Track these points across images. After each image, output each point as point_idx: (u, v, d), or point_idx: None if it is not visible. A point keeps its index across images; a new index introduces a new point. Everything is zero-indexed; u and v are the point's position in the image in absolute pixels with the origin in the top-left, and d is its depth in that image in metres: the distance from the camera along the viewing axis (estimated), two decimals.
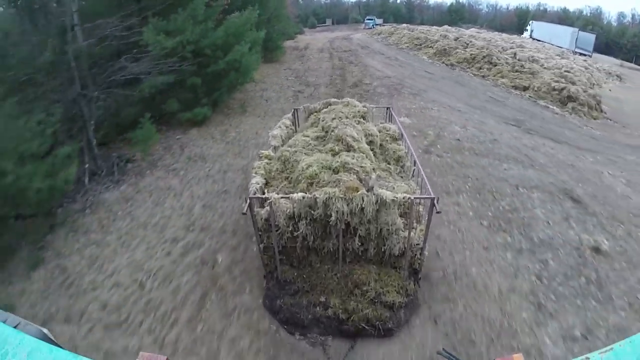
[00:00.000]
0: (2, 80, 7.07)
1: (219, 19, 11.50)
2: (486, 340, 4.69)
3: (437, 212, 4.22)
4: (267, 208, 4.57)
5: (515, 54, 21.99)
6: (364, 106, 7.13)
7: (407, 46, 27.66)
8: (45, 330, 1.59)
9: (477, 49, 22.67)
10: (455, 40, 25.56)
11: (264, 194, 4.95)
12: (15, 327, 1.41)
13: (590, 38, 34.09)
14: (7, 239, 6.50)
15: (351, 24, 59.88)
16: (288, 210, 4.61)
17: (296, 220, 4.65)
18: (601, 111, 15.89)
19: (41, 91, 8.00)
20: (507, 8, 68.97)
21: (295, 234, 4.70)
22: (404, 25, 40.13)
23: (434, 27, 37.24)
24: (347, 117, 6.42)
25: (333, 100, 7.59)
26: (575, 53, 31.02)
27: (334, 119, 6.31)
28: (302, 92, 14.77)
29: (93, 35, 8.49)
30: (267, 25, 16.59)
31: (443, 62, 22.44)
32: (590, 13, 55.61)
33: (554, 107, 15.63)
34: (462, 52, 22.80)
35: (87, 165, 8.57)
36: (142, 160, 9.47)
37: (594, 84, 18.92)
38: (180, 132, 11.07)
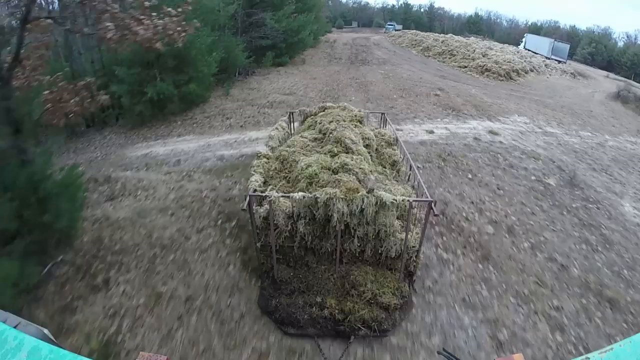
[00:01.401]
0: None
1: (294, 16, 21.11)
2: None
3: (435, 215, 4.30)
4: (267, 206, 4.57)
5: (474, 50, 29.89)
6: (359, 111, 7.23)
7: (406, 45, 37.51)
8: (45, 330, 1.59)
9: (448, 47, 31.96)
10: (441, 42, 34.58)
11: (262, 192, 4.97)
12: (15, 327, 1.41)
13: (565, 47, 39.39)
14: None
15: (375, 28, 65.41)
16: (287, 210, 4.63)
17: (295, 219, 4.67)
18: (510, 79, 24.38)
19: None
20: (526, 23, 72.09)
21: (294, 233, 4.72)
22: (413, 31, 49.51)
23: (442, 35, 43.17)
24: (344, 121, 6.50)
25: (329, 104, 7.68)
26: (551, 59, 36.11)
27: (331, 121, 6.38)
28: (331, 62, 25.27)
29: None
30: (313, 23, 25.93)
31: (423, 54, 32.39)
32: (599, 32, 58.07)
33: (472, 74, 24.75)
34: (439, 49, 32.37)
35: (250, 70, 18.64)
36: (261, 72, 19.36)
37: (525, 70, 26.89)
38: (274, 69, 20.52)
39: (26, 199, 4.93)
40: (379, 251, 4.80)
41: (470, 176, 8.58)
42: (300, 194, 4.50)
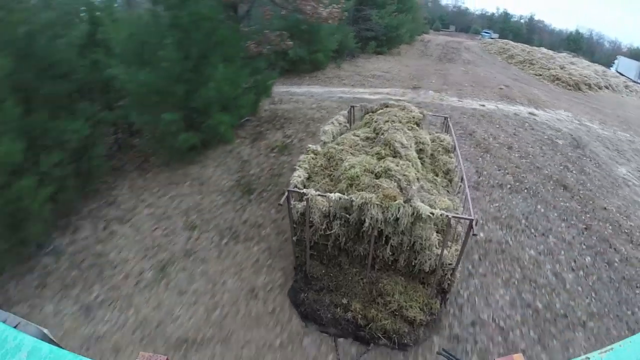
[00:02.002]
0: None
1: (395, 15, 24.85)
2: None
3: (474, 235, 3.99)
4: (304, 203, 4.63)
5: (554, 62, 30.19)
6: (420, 112, 6.88)
7: (494, 52, 38.17)
8: (45, 330, 1.60)
9: (530, 57, 32.16)
10: (527, 52, 34.98)
11: (304, 187, 5.02)
12: (15, 327, 1.43)
13: None
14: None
15: (471, 34, 63.46)
16: (324, 208, 4.63)
17: (330, 219, 4.66)
18: (579, 89, 24.04)
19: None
20: (629, 47, 65.16)
21: (328, 232, 4.72)
22: (505, 40, 47.99)
23: (536, 47, 42.00)
24: (400, 122, 6.25)
25: (391, 102, 7.41)
26: (637, 83, 34.18)
27: (386, 121, 6.18)
28: (422, 57, 27.60)
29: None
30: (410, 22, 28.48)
31: (507, 61, 32.56)
32: None
33: (544, 81, 24.64)
34: (521, 58, 32.51)
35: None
36: (364, 56, 23.26)
37: (599, 86, 26.06)
38: (374, 56, 24.11)
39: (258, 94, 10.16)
40: (413, 263, 4.61)
41: (497, 126, 11.80)
42: (337, 194, 4.47)
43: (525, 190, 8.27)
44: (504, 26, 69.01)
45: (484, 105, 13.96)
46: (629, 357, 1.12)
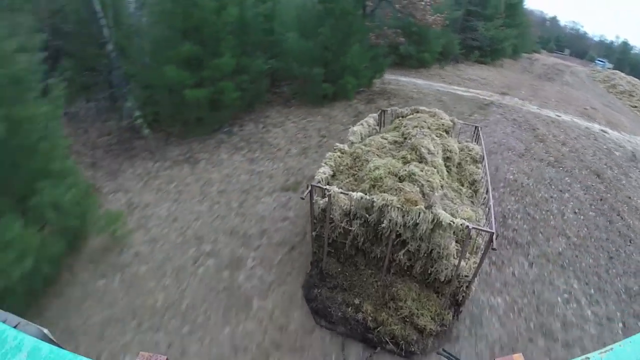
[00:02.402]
0: None
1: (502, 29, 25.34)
2: None
3: (493, 249, 3.89)
4: (326, 199, 4.65)
5: None
6: (451, 120, 6.78)
7: (599, 80, 36.05)
8: (45, 330, 1.57)
9: (633, 89, 31.66)
10: (632, 85, 33.92)
11: (328, 184, 5.05)
12: (15, 326, 1.41)
13: None
14: None
15: (586, 60, 58.64)
16: (345, 207, 4.65)
17: (351, 218, 4.67)
18: None
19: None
20: None
21: (348, 230, 4.73)
22: (613, 70, 44.08)
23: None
24: (429, 128, 6.18)
25: (422, 108, 7.33)
26: None
27: (415, 127, 6.12)
28: (522, 72, 27.23)
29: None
30: (521, 39, 29.91)
31: (607, 90, 31.25)
32: None
33: (638, 112, 23.77)
34: (622, 89, 31.73)
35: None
36: (466, 63, 24.27)
37: None
38: (477, 64, 24.93)
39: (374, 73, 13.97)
40: (429, 271, 4.56)
41: (562, 130, 12.93)
42: (359, 194, 4.48)
43: (561, 168, 9.99)
44: (622, 57, 61.79)
45: (559, 116, 14.83)
46: (628, 357, 1.11)
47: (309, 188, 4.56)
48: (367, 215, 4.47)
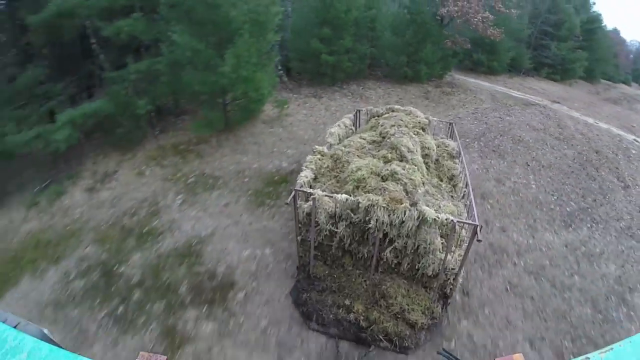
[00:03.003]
0: None
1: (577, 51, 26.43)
2: None
3: (478, 241, 4.02)
4: (310, 203, 4.66)
5: None
6: (426, 117, 6.92)
7: None
8: (45, 330, 1.61)
9: None
10: None
11: (310, 188, 5.05)
12: (15, 326, 1.43)
13: None
14: None
15: None
16: (330, 209, 4.66)
17: (336, 220, 4.68)
18: None
19: None
20: None
21: (334, 232, 4.75)
22: None
23: None
24: (406, 126, 6.28)
25: (396, 106, 7.45)
26: None
27: (392, 125, 6.20)
28: (590, 93, 26.14)
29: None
30: (596, 63, 29.34)
31: None
32: None
33: None
34: None
35: None
36: (536, 77, 24.84)
37: None
38: (547, 79, 25.29)
39: (444, 69, 18.48)
40: (416, 267, 4.64)
41: (589, 129, 14.12)
42: (344, 195, 4.51)
43: (565, 141, 12.15)
44: None
45: (597, 123, 15.50)
46: (628, 357, 1.15)
47: (293, 193, 4.54)
48: (353, 216, 4.50)
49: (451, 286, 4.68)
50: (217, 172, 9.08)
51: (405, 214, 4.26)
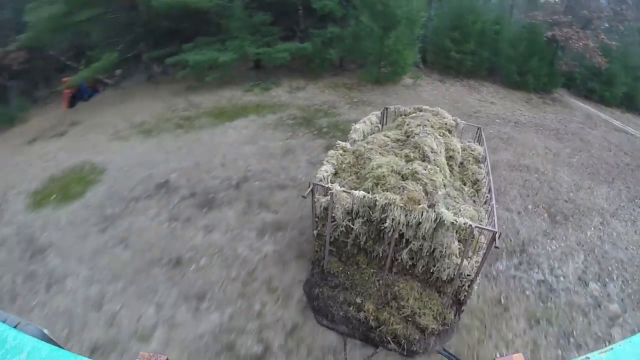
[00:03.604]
0: None
1: None
2: None
3: (496, 248, 3.87)
4: (328, 197, 4.63)
5: None
6: (453, 119, 6.74)
7: None
8: (45, 330, 1.61)
9: None
10: None
11: (330, 183, 5.04)
12: (15, 327, 1.43)
13: None
14: None
15: None
16: (347, 205, 4.61)
17: (353, 216, 4.63)
18: None
19: None
20: None
21: (350, 230, 4.70)
22: None
23: None
24: (432, 127, 6.14)
25: (424, 107, 7.29)
26: None
27: (418, 125, 6.08)
28: None
29: None
30: None
31: None
32: None
33: None
34: None
35: None
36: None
37: None
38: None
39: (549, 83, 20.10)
40: (431, 270, 4.54)
41: (608, 129, 15.64)
42: (361, 192, 4.46)
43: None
44: None
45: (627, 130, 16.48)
46: (628, 357, 1.14)
47: (311, 186, 4.53)
48: (371, 214, 4.44)
49: (466, 293, 4.54)
50: (369, 100, 14.84)
51: (422, 215, 4.15)
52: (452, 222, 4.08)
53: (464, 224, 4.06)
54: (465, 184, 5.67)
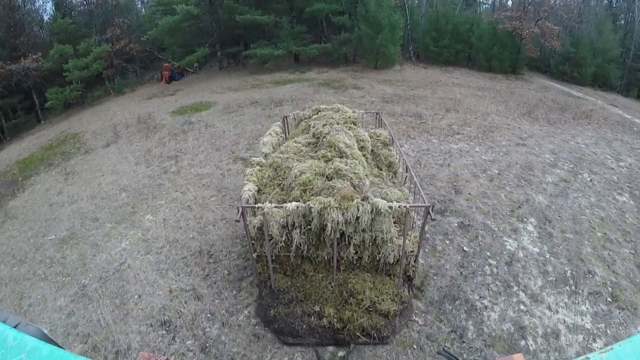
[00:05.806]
0: None
1: None
2: None
3: (432, 220, 4.20)
4: (260, 217, 4.48)
5: None
6: (353, 112, 7.08)
7: None
8: (45, 330, 1.59)
9: None
10: None
11: (256, 201, 4.86)
12: (15, 327, 1.43)
13: None
14: None
15: None
16: (281, 220, 4.53)
17: (290, 229, 4.57)
18: None
19: None
20: None
21: (289, 242, 4.62)
22: None
23: None
24: (338, 123, 6.35)
25: (323, 106, 7.50)
26: None
27: (325, 125, 6.24)
28: None
29: None
30: None
31: None
32: None
33: None
34: None
35: None
36: None
37: None
38: None
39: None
40: (377, 258, 4.71)
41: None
42: (294, 204, 4.40)
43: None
44: None
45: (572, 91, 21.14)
46: (628, 357, 1.15)
47: (240, 210, 4.32)
48: (309, 222, 4.43)
49: (413, 268, 4.84)
50: (367, 77, 21.78)
51: (358, 209, 4.27)
52: (388, 209, 4.29)
53: (399, 206, 4.31)
54: (381, 169, 6.00)
